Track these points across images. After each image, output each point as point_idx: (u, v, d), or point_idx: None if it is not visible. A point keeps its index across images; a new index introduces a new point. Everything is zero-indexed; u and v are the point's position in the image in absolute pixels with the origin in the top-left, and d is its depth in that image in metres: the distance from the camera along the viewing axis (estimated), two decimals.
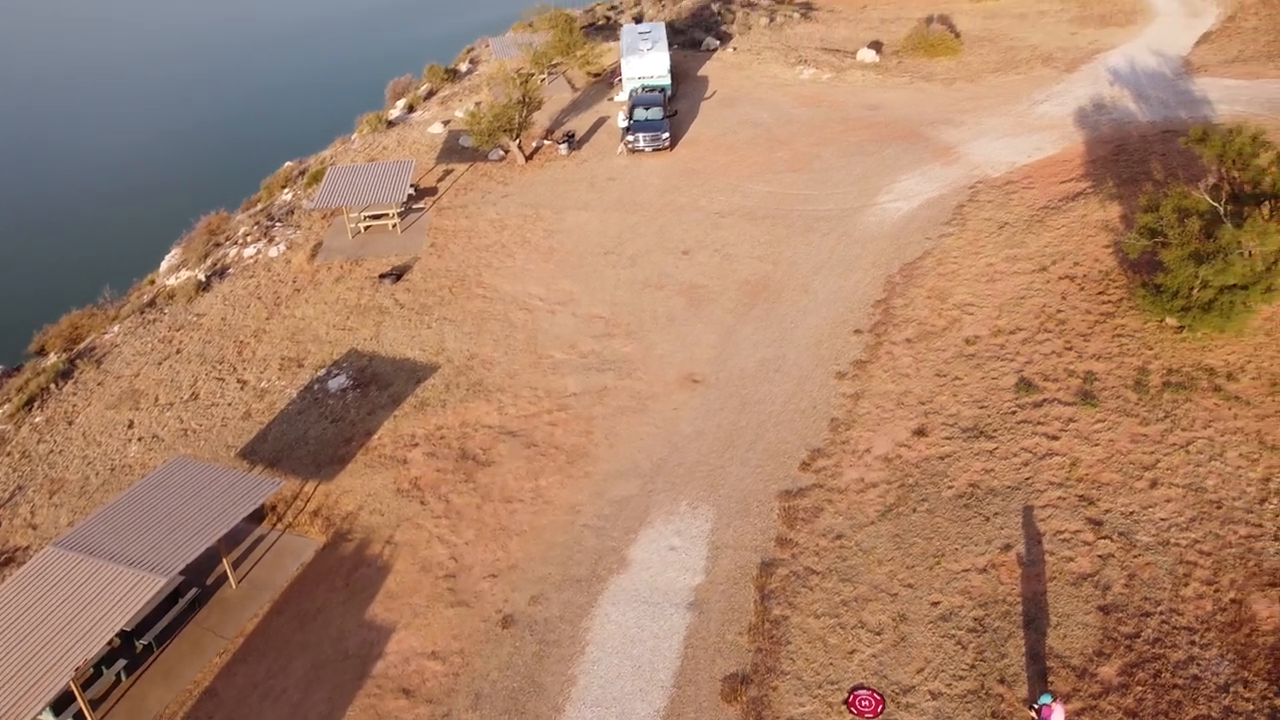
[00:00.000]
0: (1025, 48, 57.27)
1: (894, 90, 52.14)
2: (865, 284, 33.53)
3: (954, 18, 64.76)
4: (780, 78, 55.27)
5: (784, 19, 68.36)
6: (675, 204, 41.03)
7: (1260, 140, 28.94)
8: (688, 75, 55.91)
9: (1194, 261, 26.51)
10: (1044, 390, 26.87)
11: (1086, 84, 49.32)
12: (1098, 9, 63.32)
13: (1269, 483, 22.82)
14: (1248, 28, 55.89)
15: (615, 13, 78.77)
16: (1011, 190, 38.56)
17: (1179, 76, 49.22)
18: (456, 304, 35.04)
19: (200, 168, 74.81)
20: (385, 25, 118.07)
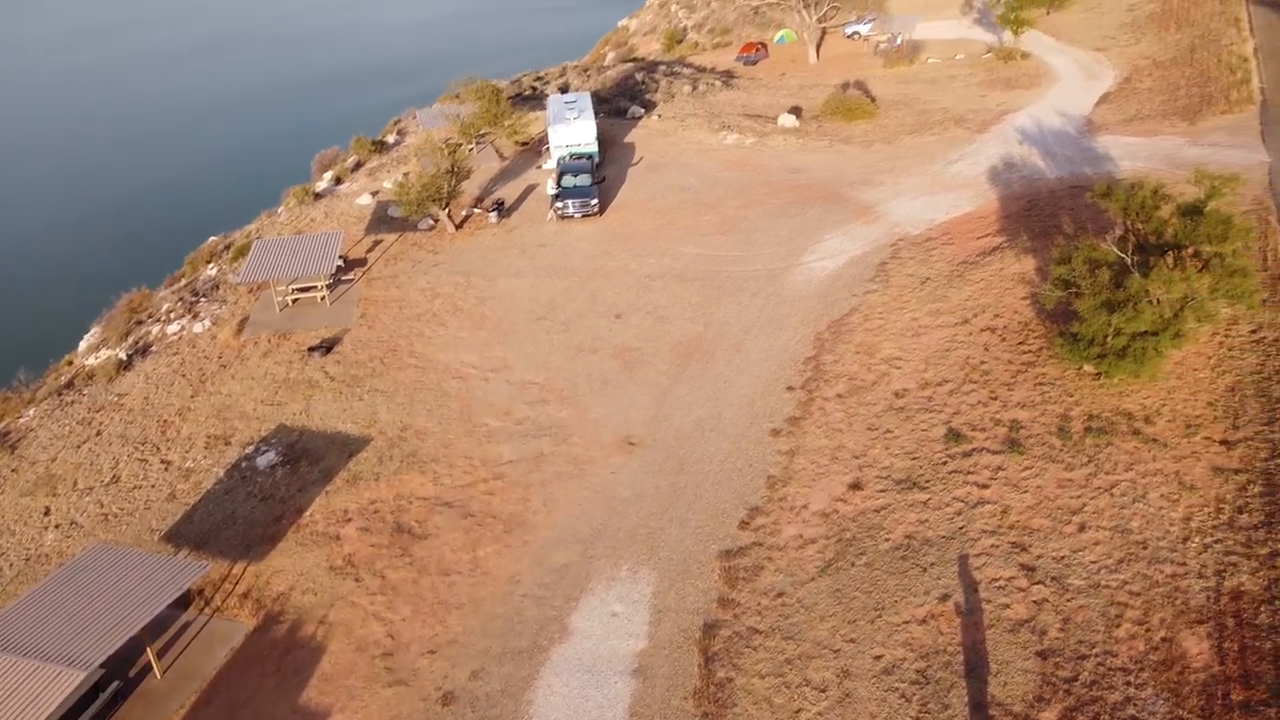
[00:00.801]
0: (938, 110, 59.60)
1: (815, 153, 53.68)
2: (795, 341, 34.09)
3: (869, 83, 67.24)
4: (705, 143, 56.56)
5: (706, 87, 70.20)
6: (606, 268, 41.41)
7: (1161, 194, 30.40)
8: (615, 142, 56.89)
9: (1106, 310, 27.54)
10: (972, 440, 27.47)
11: (997, 144, 51.44)
12: (1003, 73, 66.35)
13: (1190, 522, 23.53)
14: (1143, 88, 59.05)
15: (541, 83, 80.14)
16: (931, 247, 39.78)
17: (1082, 135, 51.67)
18: (388, 375, 34.66)
19: (120, 244, 73.33)
20: (310, 99, 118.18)
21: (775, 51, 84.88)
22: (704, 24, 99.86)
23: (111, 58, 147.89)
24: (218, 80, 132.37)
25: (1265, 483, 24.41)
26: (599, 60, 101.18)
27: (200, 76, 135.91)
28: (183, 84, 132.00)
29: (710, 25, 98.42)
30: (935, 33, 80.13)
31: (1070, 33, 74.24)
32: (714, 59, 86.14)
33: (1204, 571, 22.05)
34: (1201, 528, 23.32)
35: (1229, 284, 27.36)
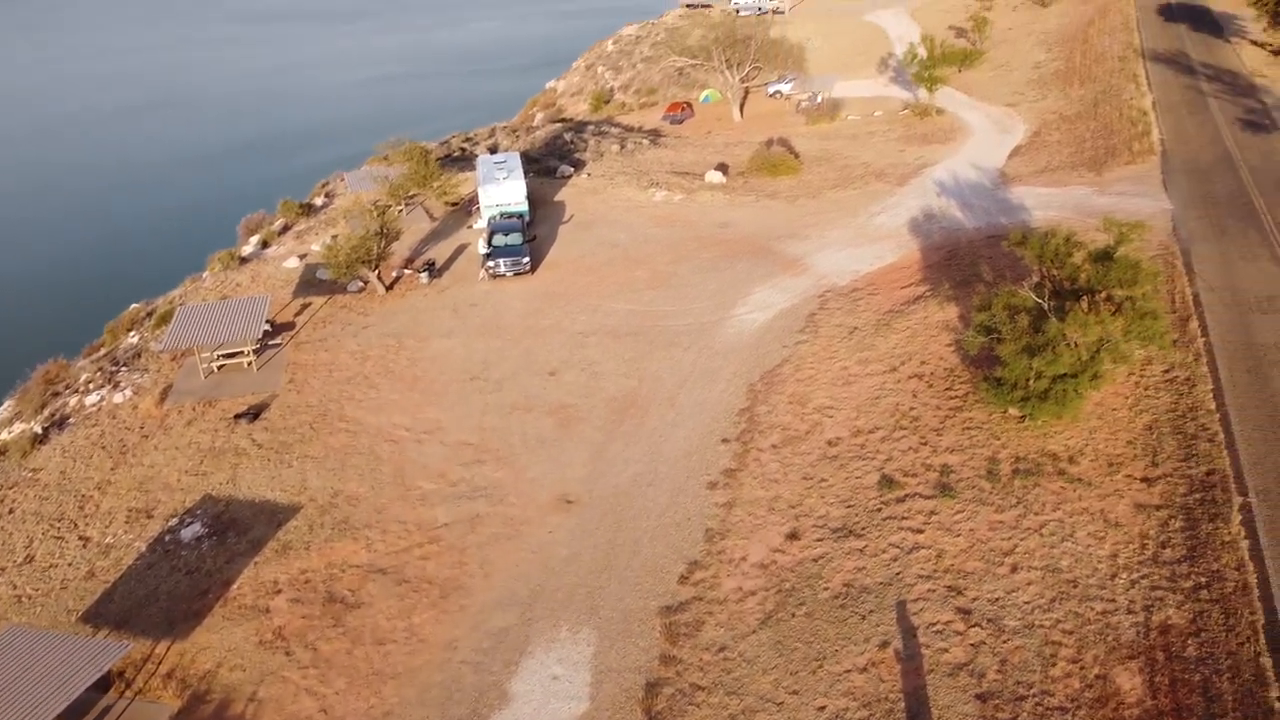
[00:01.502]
0: (859, 165, 61.35)
1: (742, 208, 54.71)
2: (729, 394, 34.37)
3: (792, 140, 69.00)
4: (634, 200, 57.27)
5: (634, 145, 71.33)
6: (539, 326, 41.41)
7: (1073, 241, 31.63)
8: (545, 201, 57.29)
9: (1027, 354, 28.37)
10: (905, 486, 27.86)
11: (917, 196, 53.06)
12: (920, 128, 68.71)
13: (1116, 558, 24.10)
14: (1052, 141, 61.63)
15: (470, 144, 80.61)
16: (858, 297, 40.65)
17: (997, 186, 53.61)
18: (318, 440, 33.97)
19: (36, 314, 71.11)
20: (236, 163, 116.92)
21: (700, 110, 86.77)
22: (630, 85, 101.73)
23: (25, 122, 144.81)
24: (139, 145, 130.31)
25: (1185, 518, 25.17)
26: (528, 121, 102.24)
27: (121, 142, 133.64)
28: (102, 149, 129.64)
29: (636, 86, 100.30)
30: (854, 91, 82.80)
31: (981, 89, 77.37)
32: (641, 118, 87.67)
33: (1133, 607, 22.55)
34: (1128, 564, 23.90)
35: (1141, 326, 28.44)
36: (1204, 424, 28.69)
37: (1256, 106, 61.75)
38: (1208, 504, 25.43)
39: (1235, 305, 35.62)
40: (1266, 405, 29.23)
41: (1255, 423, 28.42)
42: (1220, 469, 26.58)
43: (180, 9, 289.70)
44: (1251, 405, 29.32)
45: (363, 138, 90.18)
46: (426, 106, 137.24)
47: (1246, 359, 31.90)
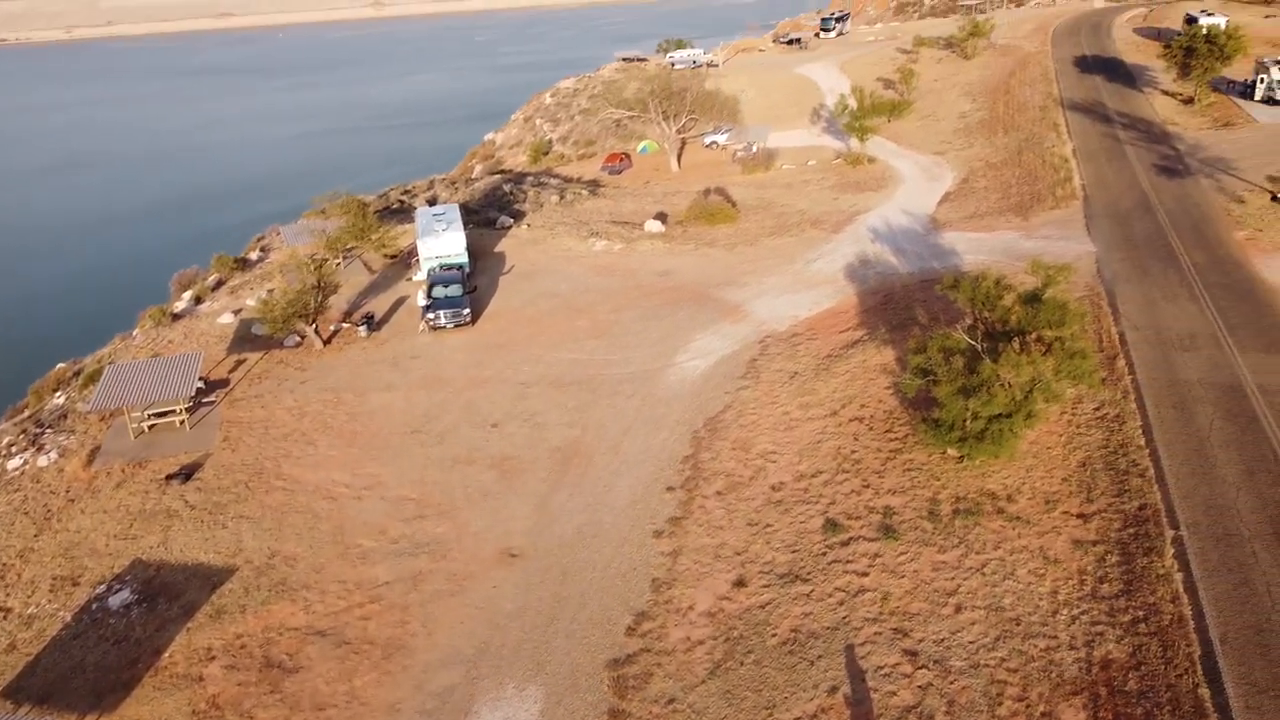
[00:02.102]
0: (795, 213, 62.50)
1: (681, 256, 55.26)
2: (673, 441, 34.38)
3: (729, 189, 70.13)
4: (574, 250, 57.52)
5: (574, 196, 71.85)
6: (481, 377, 41.11)
7: (1003, 284, 32.50)
8: (485, 252, 57.25)
9: (963, 396, 28.91)
10: (849, 529, 28.02)
11: (852, 242, 54.15)
12: (853, 176, 70.37)
13: (1057, 595, 24.44)
14: (980, 188, 63.55)
15: (409, 196, 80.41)
16: (798, 342, 41.15)
17: (929, 232, 54.98)
18: (254, 499, 33.11)
19: None
20: (168, 218, 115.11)
21: (639, 161, 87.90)
22: (569, 136, 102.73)
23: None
24: (66, 202, 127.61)
25: (1121, 552, 25.68)
26: (467, 173, 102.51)
27: (46, 199, 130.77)
28: (26, 207, 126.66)
29: (575, 137, 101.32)
30: (788, 141, 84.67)
31: (910, 138, 79.66)
32: (580, 169, 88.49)
33: (1074, 643, 22.84)
34: (1068, 600, 24.25)
35: (1070, 365, 29.22)
36: (1134, 460, 29.44)
37: (1170, 153, 64.46)
38: (1141, 538, 26.00)
39: (1159, 343, 36.81)
40: (1192, 440, 30.12)
41: (1182, 457, 29.24)
42: (1152, 503, 27.24)
43: (106, 66, 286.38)
44: (1178, 440, 30.19)
45: (299, 191, 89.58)
46: (364, 160, 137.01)
47: (1172, 395, 32.90)
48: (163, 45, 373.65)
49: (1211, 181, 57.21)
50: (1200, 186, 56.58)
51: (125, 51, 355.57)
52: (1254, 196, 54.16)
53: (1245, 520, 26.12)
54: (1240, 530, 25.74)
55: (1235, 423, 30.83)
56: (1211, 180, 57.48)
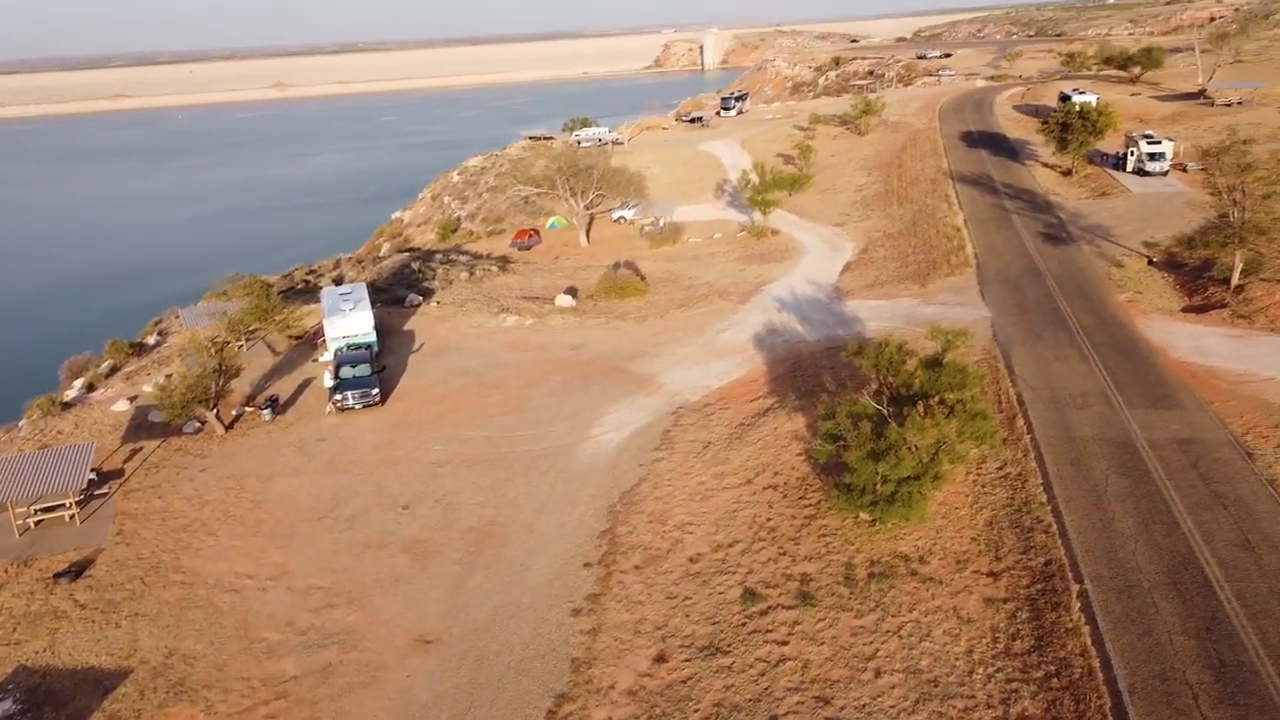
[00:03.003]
0: (703, 285, 63.61)
1: (593, 330, 55.53)
2: (589, 516, 34.07)
3: (638, 262, 71.07)
4: (485, 326, 57.29)
5: (484, 272, 71.82)
6: (391, 458, 40.24)
7: (905, 350, 33.48)
8: (394, 331, 56.58)
9: (872, 460, 29.47)
10: (767, 598, 28.02)
11: (759, 313, 55.26)
12: (757, 248, 72.13)
13: (972, 654, 24.78)
14: (879, 257, 65.78)
15: (315, 276, 79.22)
16: (710, 412, 41.51)
17: (832, 300, 56.52)
18: (150, 595, 31.46)
19: None
20: (58, 304, 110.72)
21: (548, 236, 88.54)
22: (477, 213, 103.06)
23: None
24: None
25: (1030, 608, 26.26)
26: (374, 251, 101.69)
27: None
28: None
29: (483, 214, 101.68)
30: (694, 215, 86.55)
31: (811, 211, 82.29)
32: (489, 246, 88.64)
33: (991, 701, 23.11)
34: (983, 659, 24.60)
35: (973, 427, 30.12)
36: (1038, 516, 30.33)
37: (1053, 221, 68.02)
38: (1049, 593, 26.65)
39: (1054, 402, 38.30)
40: (1090, 495, 31.22)
41: (1082, 512, 30.25)
42: (1057, 559, 28.02)
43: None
44: (1078, 496, 31.25)
45: (200, 273, 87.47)
46: (268, 241, 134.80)
47: (1069, 452, 34.15)
48: (56, 127, 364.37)
49: (1093, 247, 60.45)
50: (1083, 252, 59.72)
51: (16, 134, 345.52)
52: (1132, 261, 57.39)
53: (1144, 571, 27.04)
54: (1140, 581, 26.62)
55: (1129, 476, 32.12)
56: (1093, 246, 60.74)
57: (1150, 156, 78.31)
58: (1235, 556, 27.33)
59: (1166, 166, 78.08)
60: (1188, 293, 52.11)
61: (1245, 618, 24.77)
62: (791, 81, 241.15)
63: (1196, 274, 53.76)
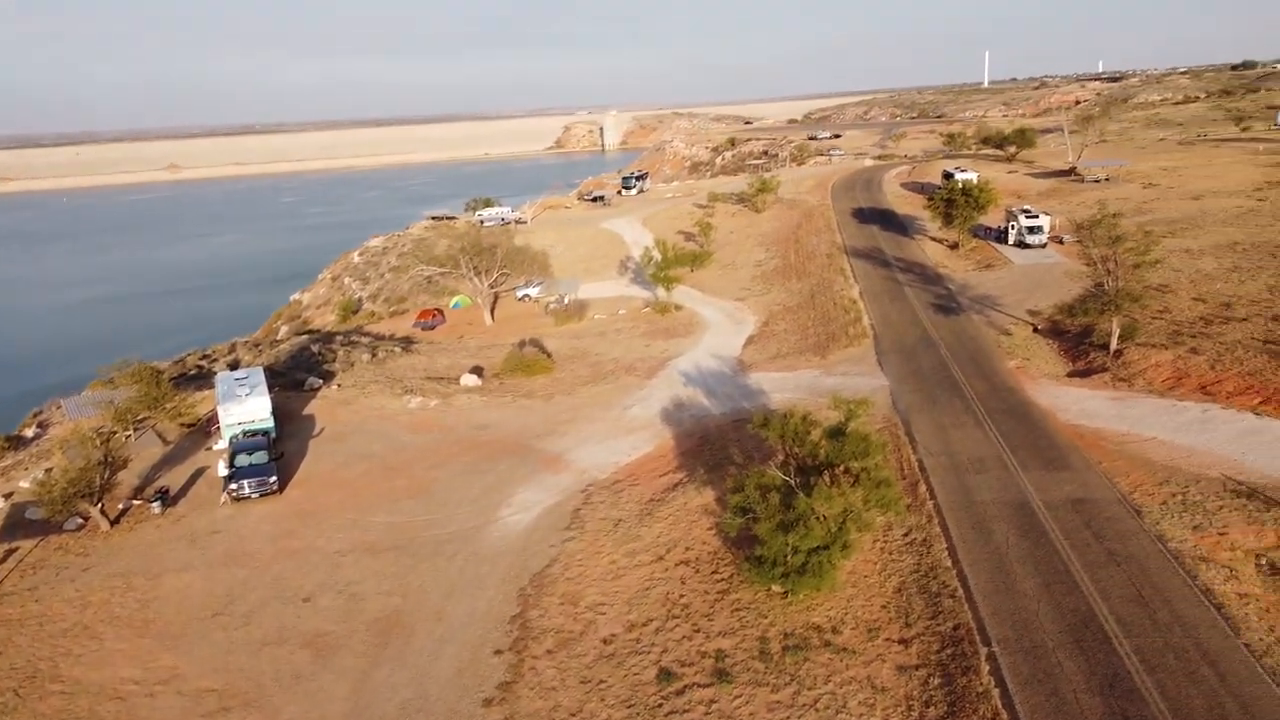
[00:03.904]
0: (609, 360, 63.85)
1: (499, 409, 54.96)
2: (499, 601, 33.23)
3: (544, 340, 71.06)
4: (389, 408, 56.14)
5: (386, 353, 70.69)
6: (290, 549, 38.67)
7: (810, 420, 34.07)
8: (293, 416, 54.95)
9: (782, 531, 29.65)
10: (683, 677, 27.62)
11: (665, 387, 55.63)
12: (662, 324, 72.98)
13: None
14: (780, 330, 67.24)
15: (209, 361, 76.80)
16: (620, 489, 41.28)
17: (737, 374, 57.33)
18: (25, 708, 29.19)
19: None
20: None
21: (452, 316, 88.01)
22: (379, 294, 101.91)
23: None
24: None
25: (942, 674, 26.50)
26: (272, 334, 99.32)
27: None
28: None
29: (385, 295, 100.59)
30: (598, 292, 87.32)
31: (713, 286, 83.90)
32: (392, 326, 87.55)
33: None
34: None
35: (878, 494, 30.67)
36: (944, 581, 30.84)
37: (944, 292, 70.81)
38: (959, 658, 26.97)
39: (954, 468, 39.34)
40: (993, 557, 31.95)
41: (987, 575, 30.90)
42: (964, 622, 28.45)
43: None
44: (981, 559, 31.95)
45: (85, 361, 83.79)
46: (159, 325, 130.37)
47: (970, 516, 35.00)
48: None
49: (981, 317, 63.02)
50: (973, 321, 62.18)
51: None
52: (1018, 329, 59.97)
53: (1048, 631, 27.66)
54: (1045, 641, 27.19)
55: (1028, 538, 33.03)
56: (981, 315, 63.32)
57: (1029, 230, 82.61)
58: (1131, 612, 28.21)
59: (1044, 239, 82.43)
60: (1071, 358, 54.59)
61: (1144, 672, 25.48)
62: (690, 161, 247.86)
63: (1078, 340, 56.43)
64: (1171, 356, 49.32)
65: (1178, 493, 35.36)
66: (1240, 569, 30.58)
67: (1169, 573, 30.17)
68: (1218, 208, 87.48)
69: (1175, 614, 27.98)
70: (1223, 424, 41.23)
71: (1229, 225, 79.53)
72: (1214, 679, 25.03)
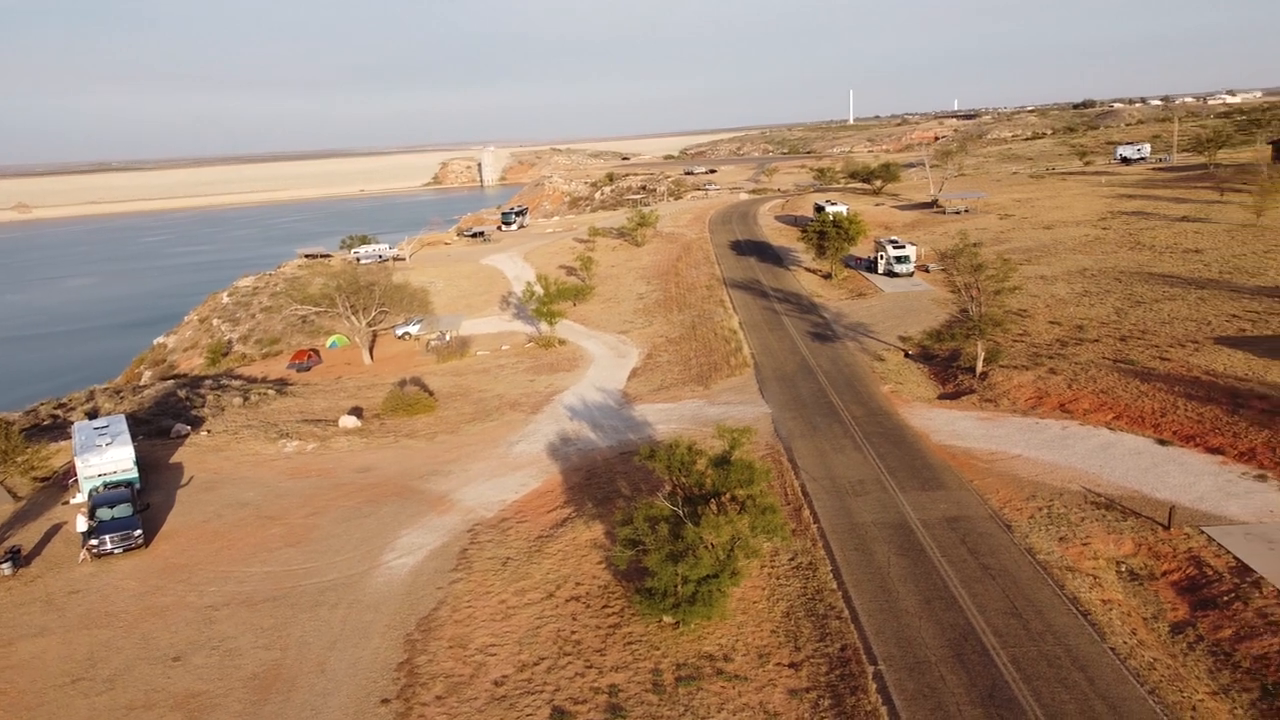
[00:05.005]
0: (493, 397, 63.15)
1: (381, 451, 53.58)
2: (385, 649, 32.16)
3: (425, 378, 69.79)
4: (263, 454, 54.02)
5: (259, 396, 68.10)
6: (158, 606, 36.57)
7: (695, 450, 34.40)
8: (159, 465, 52.23)
9: (672, 561, 29.74)
10: (577, 715, 27.26)
11: (551, 422, 55.33)
12: (546, 358, 72.72)
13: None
14: (664, 361, 67.89)
15: (64, 410, 72.30)
16: (507, 527, 40.70)
17: (622, 406, 57.52)
18: None
19: None
20: None
21: (329, 356, 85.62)
22: (250, 335, 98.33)
23: None
24: None
25: (832, 695, 26.94)
26: (135, 380, 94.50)
27: None
28: None
29: (257, 336, 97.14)
30: (480, 328, 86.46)
31: (596, 320, 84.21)
32: (265, 368, 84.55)
33: None
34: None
35: (763, 521, 31.09)
36: (830, 603, 31.47)
37: (820, 321, 72.96)
38: (847, 678, 27.49)
39: (835, 491, 40.34)
40: (876, 577, 32.81)
41: (870, 595, 31.69)
42: (851, 643, 29.06)
43: None
44: (865, 580, 32.76)
45: None
46: (7, 375, 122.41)
47: (852, 538, 35.90)
48: None
49: (856, 344, 65.14)
50: (848, 349, 64.19)
51: None
52: (891, 354, 62.21)
53: (930, 647, 28.51)
54: (928, 657, 28.01)
55: (908, 556, 34.07)
56: (856, 343, 65.45)
57: (897, 259, 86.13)
58: (1007, 624, 29.38)
59: (912, 268, 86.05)
60: (941, 381, 56.93)
61: (1021, 681, 26.51)
62: (569, 196, 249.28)
63: (947, 364, 58.92)
64: (1032, 377, 51.98)
65: (1043, 507, 37.15)
66: (1103, 576, 32.32)
67: (1039, 583, 31.59)
68: (1067, 236, 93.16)
69: (1047, 623, 29.29)
70: (1080, 440, 43.61)
71: (1078, 252, 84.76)
72: (1084, 683, 26.25)
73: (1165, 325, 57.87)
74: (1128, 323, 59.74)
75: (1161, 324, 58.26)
